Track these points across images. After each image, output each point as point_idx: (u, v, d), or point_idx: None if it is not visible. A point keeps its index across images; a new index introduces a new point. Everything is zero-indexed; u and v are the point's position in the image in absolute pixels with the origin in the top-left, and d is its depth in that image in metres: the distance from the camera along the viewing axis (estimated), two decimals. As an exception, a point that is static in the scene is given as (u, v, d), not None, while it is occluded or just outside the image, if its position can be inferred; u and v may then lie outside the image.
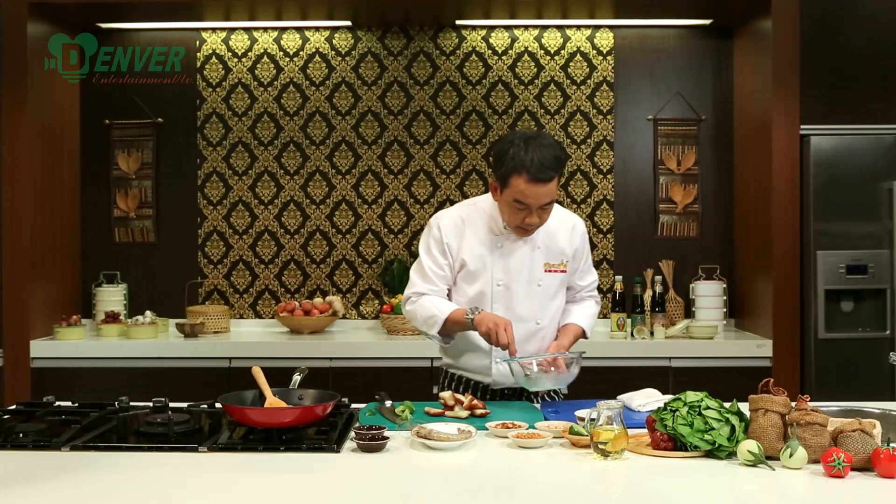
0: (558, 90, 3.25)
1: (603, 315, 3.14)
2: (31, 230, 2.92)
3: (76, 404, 1.88)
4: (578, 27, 3.26)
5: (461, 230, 1.99)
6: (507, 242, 1.96)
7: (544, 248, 1.99)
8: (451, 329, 1.96)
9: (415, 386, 2.77)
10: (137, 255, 3.27)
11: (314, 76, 3.25)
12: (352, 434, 1.63)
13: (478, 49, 3.26)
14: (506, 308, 1.96)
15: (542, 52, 3.25)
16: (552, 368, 1.86)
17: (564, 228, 2.02)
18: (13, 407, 1.88)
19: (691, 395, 1.59)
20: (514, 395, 2.03)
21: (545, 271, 1.99)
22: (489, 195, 1.97)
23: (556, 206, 2.01)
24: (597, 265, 3.19)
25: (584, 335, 2.05)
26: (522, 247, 1.97)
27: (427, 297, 1.98)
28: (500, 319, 1.86)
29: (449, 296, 2.02)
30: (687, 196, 3.22)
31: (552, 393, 2.04)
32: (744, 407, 1.58)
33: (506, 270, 1.97)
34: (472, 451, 1.57)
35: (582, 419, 1.71)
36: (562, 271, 2.01)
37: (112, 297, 3.21)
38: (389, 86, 3.25)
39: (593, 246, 3.21)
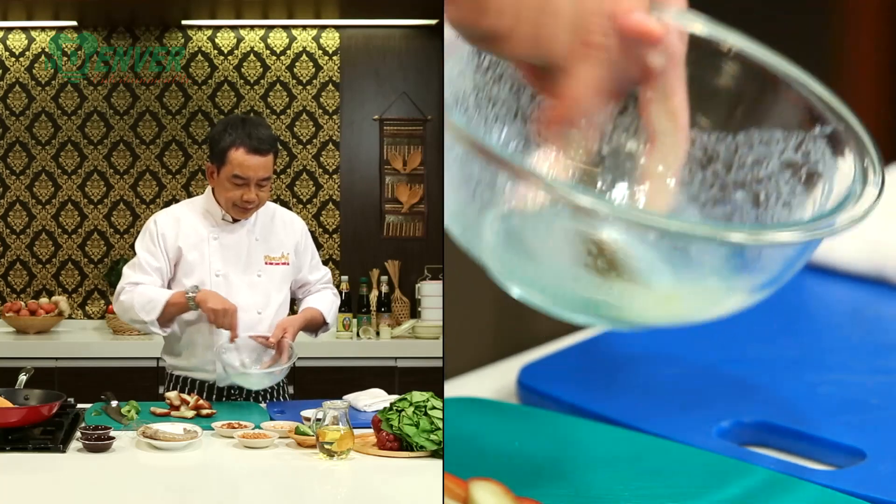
0: (284, 90, 3.23)
1: (330, 316, 3.14)
2: None
3: None
4: (304, 27, 3.24)
5: (177, 223, 1.97)
6: (224, 234, 1.95)
7: (263, 240, 1.97)
8: (170, 313, 1.92)
9: (141, 386, 2.73)
10: None
11: (40, 76, 3.22)
12: (77, 434, 1.62)
13: (204, 49, 3.23)
14: (226, 298, 1.93)
15: (268, 52, 3.23)
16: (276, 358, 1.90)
17: (282, 223, 2.02)
18: None
19: (417, 395, 1.60)
20: (241, 395, 2.03)
21: (266, 263, 1.99)
22: (207, 193, 1.96)
23: (276, 205, 2.04)
24: (323, 265, 3.16)
25: (323, 320, 2.03)
26: (241, 238, 1.96)
27: (143, 286, 1.94)
28: (227, 303, 1.87)
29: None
30: (413, 196, 3.21)
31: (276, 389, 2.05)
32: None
33: (224, 260, 1.95)
34: (198, 451, 1.57)
35: (308, 419, 1.70)
36: (284, 264, 2.00)
37: None
38: (115, 86, 3.24)
39: (319, 246, 3.17)
